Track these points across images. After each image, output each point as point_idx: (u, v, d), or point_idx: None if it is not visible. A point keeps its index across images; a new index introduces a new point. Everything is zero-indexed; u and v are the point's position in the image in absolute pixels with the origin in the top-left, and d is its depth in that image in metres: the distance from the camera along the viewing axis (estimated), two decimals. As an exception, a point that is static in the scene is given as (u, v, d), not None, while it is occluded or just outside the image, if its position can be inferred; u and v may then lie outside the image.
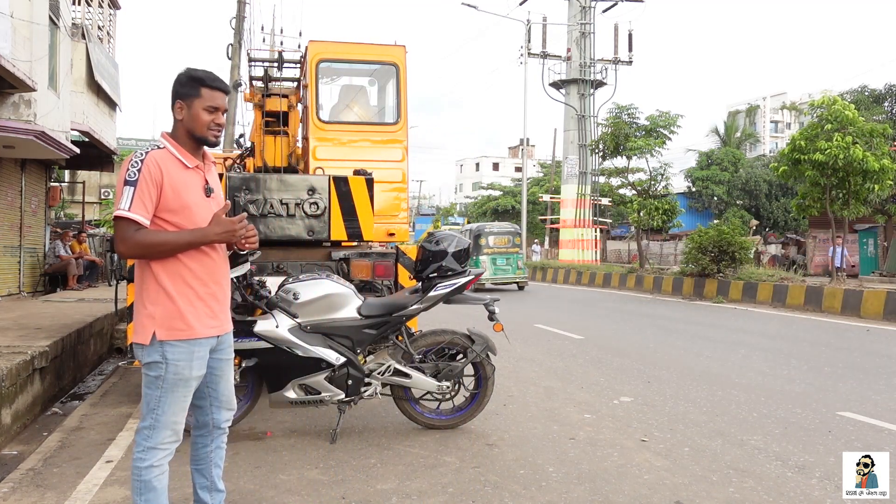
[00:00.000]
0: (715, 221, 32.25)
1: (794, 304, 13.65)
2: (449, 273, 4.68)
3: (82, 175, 24.31)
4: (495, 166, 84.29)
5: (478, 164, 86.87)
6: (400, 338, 4.71)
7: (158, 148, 2.65)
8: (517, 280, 20.34)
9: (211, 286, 2.71)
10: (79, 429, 4.96)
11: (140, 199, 2.53)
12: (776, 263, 23.10)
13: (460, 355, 4.80)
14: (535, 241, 34.52)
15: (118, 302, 6.41)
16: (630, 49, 31.64)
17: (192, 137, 2.68)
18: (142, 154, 2.59)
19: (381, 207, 6.85)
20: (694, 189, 41.94)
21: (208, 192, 2.72)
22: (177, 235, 2.59)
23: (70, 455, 4.34)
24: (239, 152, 9.35)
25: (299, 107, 8.49)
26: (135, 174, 2.54)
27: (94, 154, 15.12)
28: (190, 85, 2.66)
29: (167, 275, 2.61)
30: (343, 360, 4.45)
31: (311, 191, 5.76)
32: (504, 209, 51.26)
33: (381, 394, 4.70)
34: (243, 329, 4.46)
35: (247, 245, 2.72)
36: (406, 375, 4.63)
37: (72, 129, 13.14)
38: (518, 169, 65.74)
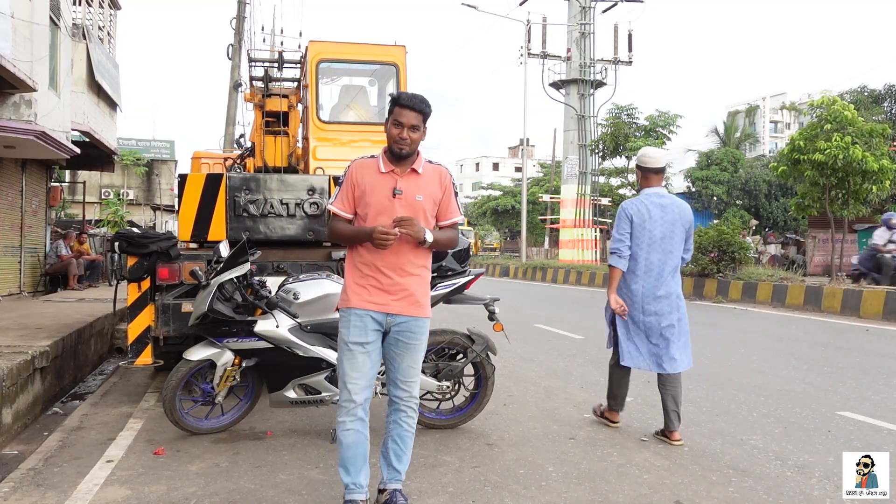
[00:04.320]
0: (715, 221, 32.26)
1: (794, 303, 13.65)
2: (449, 273, 4.69)
3: (83, 175, 24.32)
4: (495, 166, 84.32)
5: (478, 164, 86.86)
6: (400, 338, 4.71)
7: (372, 157, 3.26)
8: None
9: (374, 274, 3.18)
10: (79, 428, 4.97)
11: (340, 197, 3.24)
12: (776, 263, 23.09)
13: (460, 355, 4.80)
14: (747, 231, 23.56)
15: (118, 302, 6.41)
16: (630, 49, 31.59)
17: (389, 148, 3.20)
18: (352, 161, 3.28)
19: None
20: (693, 189, 41.89)
21: (395, 193, 3.16)
22: (348, 230, 3.22)
23: (71, 455, 4.35)
24: (239, 152, 9.37)
25: (299, 107, 8.51)
26: (342, 177, 3.26)
27: (94, 154, 15.12)
28: (391, 103, 3.18)
29: (351, 264, 3.27)
30: (343, 359, 4.45)
31: (311, 191, 5.77)
32: (504, 209, 51.27)
33: (380, 394, 4.70)
34: (243, 329, 4.47)
35: (380, 245, 3.07)
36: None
37: (72, 130, 13.14)
38: (518, 169, 65.73)
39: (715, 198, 40.91)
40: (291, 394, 4.49)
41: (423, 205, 3.19)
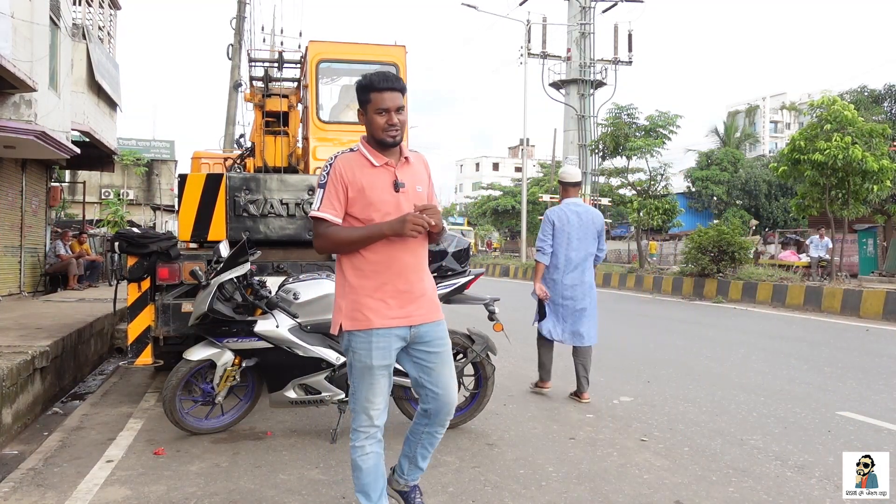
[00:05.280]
0: (715, 221, 32.25)
1: (794, 303, 13.66)
2: (449, 273, 4.69)
3: (83, 175, 24.30)
4: (495, 166, 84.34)
5: (478, 164, 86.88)
6: (400, 338, 4.70)
7: (352, 150, 2.86)
8: None
9: (390, 279, 2.81)
10: (79, 428, 4.97)
11: (328, 200, 2.77)
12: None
13: (460, 355, 4.80)
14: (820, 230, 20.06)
15: (118, 302, 6.42)
16: (630, 49, 31.64)
17: (374, 139, 2.83)
18: (332, 159, 2.84)
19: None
20: (693, 189, 41.92)
21: (397, 186, 2.81)
22: (357, 231, 2.78)
23: (71, 455, 4.35)
24: (239, 152, 9.36)
25: (299, 107, 8.50)
26: (324, 177, 2.80)
27: (94, 154, 15.11)
28: (362, 92, 2.80)
29: (351, 268, 2.82)
30: (343, 359, 4.45)
31: (312, 191, 5.77)
32: (504, 209, 51.24)
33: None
34: (243, 329, 4.47)
35: (414, 233, 2.72)
36: (406, 375, 4.63)
37: (72, 130, 13.13)
38: (518, 169, 65.72)
39: (715, 198, 40.92)
40: (291, 394, 4.49)
41: (424, 194, 2.89)
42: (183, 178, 5.72)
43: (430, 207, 2.75)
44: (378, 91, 2.76)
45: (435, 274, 4.59)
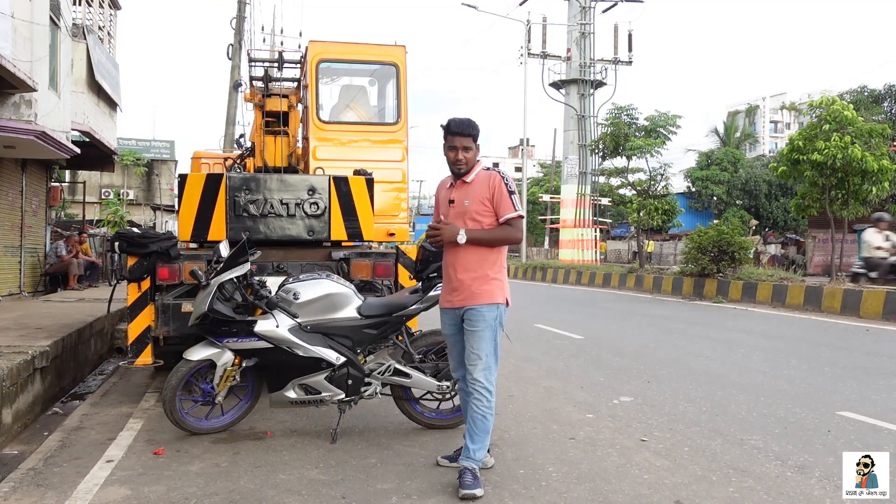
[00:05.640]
0: (714, 221, 32.25)
1: (794, 303, 13.65)
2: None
3: (83, 175, 24.31)
4: (495, 166, 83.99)
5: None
6: (400, 338, 4.72)
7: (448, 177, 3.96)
8: None
9: (448, 272, 3.86)
10: (79, 428, 4.97)
11: (434, 211, 4.05)
12: (776, 263, 23.08)
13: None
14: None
15: (113, 302, 6.42)
16: (630, 49, 31.61)
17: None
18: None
19: (381, 207, 6.86)
20: (693, 189, 41.92)
21: (450, 202, 3.85)
22: None
23: (70, 455, 4.35)
24: (239, 152, 9.36)
25: (299, 107, 8.49)
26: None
27: (94, 154, 15.11)
28: (443, 131, 3.80)
29: None
30: (343, 359, 4.46)
31: (311, 191, 5.77)
32: (504, 209, 51.18)
33: (381, 394, 4.71)
34: (243, 329, 4.47)
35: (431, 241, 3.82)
36: (406, 375, 4.64)
37: (72, 130, 13.14)
38: (518, 169, 65.67)
39: (715, 198, 40.93)
40: (291, 394, 4.49)
41: (470, 207, 3.73)
42: (183, 178, 5.72)
43: (432, 227, 3.75)
44: (451, 134, 3.74)
45: (434, 274, 4.61)
